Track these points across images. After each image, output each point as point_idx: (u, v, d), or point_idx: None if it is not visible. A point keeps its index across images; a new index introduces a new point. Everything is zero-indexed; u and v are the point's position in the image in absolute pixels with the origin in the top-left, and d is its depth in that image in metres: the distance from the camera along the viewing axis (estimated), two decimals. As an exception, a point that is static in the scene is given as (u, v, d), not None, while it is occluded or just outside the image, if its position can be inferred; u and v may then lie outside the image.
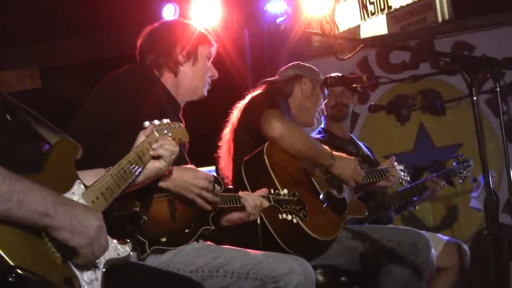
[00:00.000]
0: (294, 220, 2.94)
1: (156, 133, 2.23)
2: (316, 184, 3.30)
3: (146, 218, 2.33)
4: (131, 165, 2.04)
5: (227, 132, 3.44)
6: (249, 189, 3.02)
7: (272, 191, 2.92)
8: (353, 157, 3.42)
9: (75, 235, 1.61)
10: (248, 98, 3.45)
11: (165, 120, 2.33)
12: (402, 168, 3.96)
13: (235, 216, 2.80)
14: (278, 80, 3.62)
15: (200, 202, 2.50)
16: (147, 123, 2.24)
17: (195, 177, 2.47)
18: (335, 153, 3.35)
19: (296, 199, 2.97)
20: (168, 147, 2.21)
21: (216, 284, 2.44)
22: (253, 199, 2.77)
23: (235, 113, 3.44)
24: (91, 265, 1.72)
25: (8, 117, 1.86)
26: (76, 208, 1.65)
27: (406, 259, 3.27)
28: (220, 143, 3.45)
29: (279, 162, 3.20)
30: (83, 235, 1.63)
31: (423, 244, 3.33)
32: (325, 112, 3.77)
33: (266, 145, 3.19)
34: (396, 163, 3.89)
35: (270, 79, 3.68)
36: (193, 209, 2.54)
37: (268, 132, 3.20)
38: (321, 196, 3.28)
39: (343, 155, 3.41)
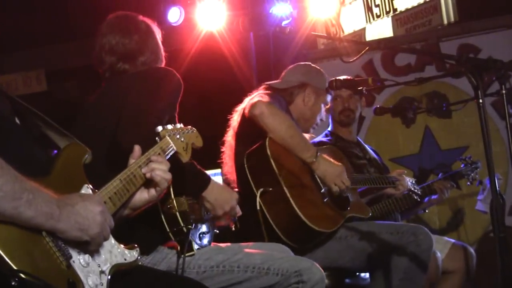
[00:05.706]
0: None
1: (168, 138, 2.21)
2: (318, 179, 3.28)
3: (194, 217, 2.45)
4: (141, 169, 2.02)
5: (229, 137, 3.41)
6: (251, 182, 3.09)
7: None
8: (340, 164, 3.31)
9: (84, 231, 1.65)
10: (246, 100, 3.40)
11: (179, 125, 2.32)
12: (414, 181, 3.96)
13: None
14: (280, 88, 3.52)
15: (224, 221, 2.65)
16: (160, 128, 2.22)
17: (232, 197, 2.61)
18: (323, 155, 3.27)
19: None
20: (160, 173, 2.03)
21: (235, 278, 2.51)
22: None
23: (235, 117, 3.40)
24: (97, 270, 1.71)
25: (17, 120, 1.86)
26: (76, 205, 1.65)
27: (407, 248, 3.24)
28: (223, 149, 3.41)
29: (282, 155, 3.16)
30: (92, 227, 1.66)
31: (423, 234, 3.29)
32: (323, 119, 3.70)
33: (268, 137, 3.15)
34: (405, 176, 3.89)
35: (272, 82, 3.61)
36: None
37: (250, 111, 3.16)
38: (322, 191, 3.27)
39: (332, 160, 3.30)
